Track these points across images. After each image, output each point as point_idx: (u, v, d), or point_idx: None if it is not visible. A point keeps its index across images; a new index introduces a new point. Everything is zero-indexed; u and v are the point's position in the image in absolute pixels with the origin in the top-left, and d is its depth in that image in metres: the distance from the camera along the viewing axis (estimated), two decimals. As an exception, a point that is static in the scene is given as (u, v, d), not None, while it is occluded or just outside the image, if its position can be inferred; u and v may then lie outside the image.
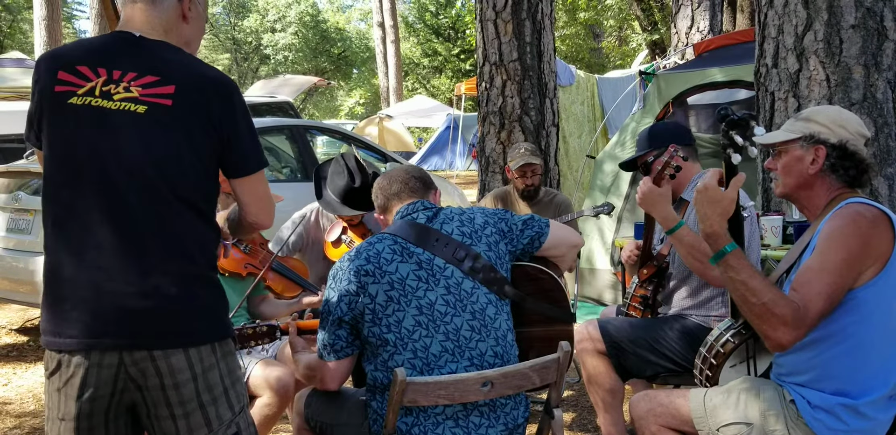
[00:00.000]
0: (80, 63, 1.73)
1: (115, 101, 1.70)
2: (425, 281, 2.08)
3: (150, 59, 1.74)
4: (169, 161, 1.71)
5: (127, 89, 1.70)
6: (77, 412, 1.70)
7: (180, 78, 1.73)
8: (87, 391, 1.69)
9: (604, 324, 2.86)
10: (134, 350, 1.68)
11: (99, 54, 1.75)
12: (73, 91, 1.70)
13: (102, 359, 1.68)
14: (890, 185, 3.81)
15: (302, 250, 3.61)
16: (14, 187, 5.20)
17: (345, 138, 7.88)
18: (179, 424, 1.73)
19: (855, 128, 2.08)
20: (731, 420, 2.08)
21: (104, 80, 1.71)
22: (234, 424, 1.80)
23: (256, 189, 1.86)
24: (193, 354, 1.73)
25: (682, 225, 2.63)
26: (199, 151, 1.74)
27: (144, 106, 1.70)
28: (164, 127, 1.71)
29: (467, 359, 2.07)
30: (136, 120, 1.70)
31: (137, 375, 1.70)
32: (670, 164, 2.66)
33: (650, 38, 14.03)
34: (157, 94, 1.71)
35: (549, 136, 5.84)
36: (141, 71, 1.72)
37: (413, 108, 20.51)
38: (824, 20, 3.81)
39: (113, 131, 1.69)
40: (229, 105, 1.77)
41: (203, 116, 1.73)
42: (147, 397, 1.72)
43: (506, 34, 5.73)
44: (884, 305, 1.95)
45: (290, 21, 36.15)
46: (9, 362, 4.94)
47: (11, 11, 27.04)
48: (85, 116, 1.70)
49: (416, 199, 2.27)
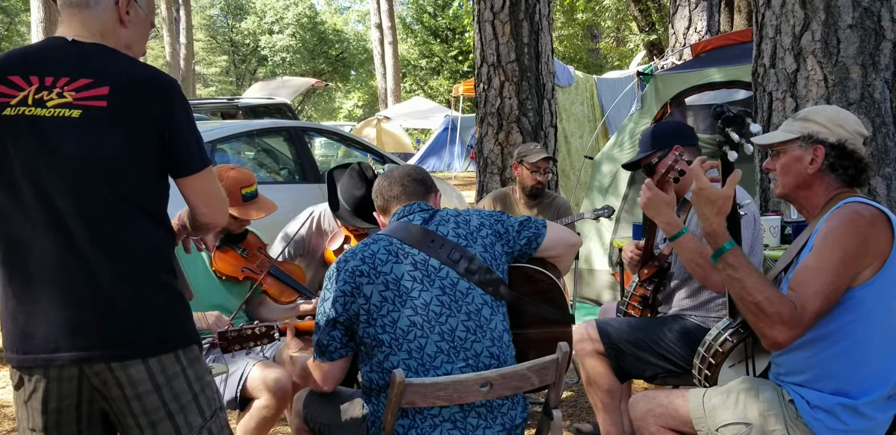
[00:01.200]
0: (11, 72, 1.68)
1: (48, 108, 1.65)
2: (420, 282, 2.08)
3: (84, 63, 1.70)
4: (107, 163, 1.67)
5: (60, 95, 1.66)
6: (44, 424, 1.70)
7: (114, 78, 1.68)
8: (51, 404, 1.68)
9: (602, 325, 2.86)
10: (92, 363, 1.65)
11: (31, 62, 1.71)
12: (5, 102, 1.66)
13: (62, 373, 1.66)
14: (888, 184, 3.81)
15: (303, 256, 3.60)
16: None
17: (342, 140, 7.87)
18: (146, 433, 1.71)
19: (853, 127, 2.08)
20: (730, 420, 2.07)
21: (36, 87, 1.66)
22: (206, 430, 1.77)
23: (204, 188, 1.80)
24: (154, 364, 1.69)
25: (684, 232, 2.62)
26: (140, 152, 1.70)
27: (79, 110, 1.65)
28: (100, 129, 1.66)
29: (463, 359, 2.07)
30: (71, 124, 1.65)
31: (100, 386, 1.68)
32: (674, 168, 2.65)
33: (648, 38, 14.04)
34: (90, 96, 1.66)
35: (548, 137, 5.84)
36: (73, 75, 1.68)
37: (411, 109, 20.52)
38: (822, 20, 3.81)
39: (49, 139, 1.65)
40: (168, 104, 1.72)
41: (140, 116, 1.68)
42: (113, 407, 1.71)
43: (503, 35, 5.73)
44: (882, 305, 1.95)
45: (288, 23, 36.19)
46: (6, 365, 4.92)
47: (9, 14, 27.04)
48: (20, 127, 1.65)
49: (415, 201, 2.27)
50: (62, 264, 1.65)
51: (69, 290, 1.64)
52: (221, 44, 37.73)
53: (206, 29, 37.92)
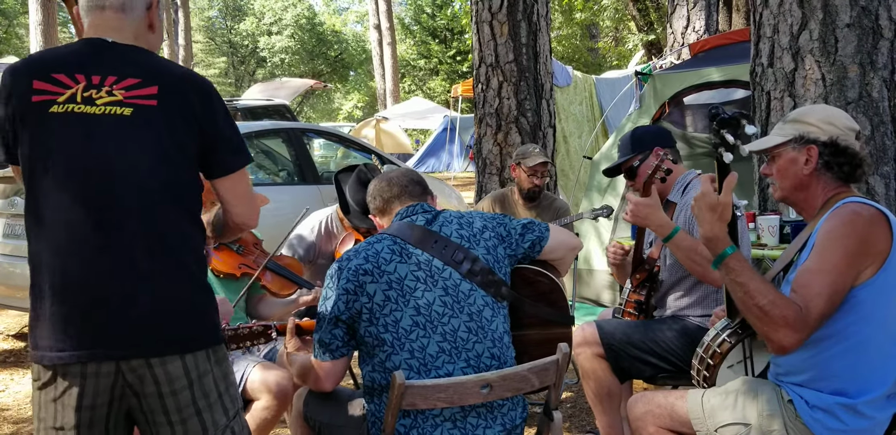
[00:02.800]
0: (54, 71, 1.71)
1: (98, 105, 1.68)
2: (423, 282, 2.09)
3: (128, 63, 1.74)
4: (159, 162, 1.70)
5: (110, 93, 1.69)
6: (77, 422, 1.68)
7: (161, 78, 1.73)
8: (86, 401, 1.68)
9: (601, 325, 2.86)
10: (131, 359, 1.67)
11: (73, 61, 1.73)
12: (52, 100, 1.68)
13: (100, 368, 1.66)
14: (887, 183, 3.81)
15: (312, 261, 3.59)
16: (10, 193, 5.20)
17: (341, 141, 7.87)
18: (176, 430, 1.73)
19: (843, 123, 2.08)
20: (729, 421, 2.07)
21: (84, 85, 1.69)
22: (229, 429, 1.80)
23: (241, 187, 1.85)
24: (189, 361, 1.72)
25: (678, 231, 2.63)
26: (186, 151, 1.74)
27: (130, 108, 1.69)
28: (150, 128, 1.70)
29: (464, 360, 2.07)
30: (123, 122, 1.68)
31: (135, 382, 1.69)
32: (661, 167, 2.66)
33: (646, 38, 14.03)
34: (140, 95, 1.70)
35: (546, 138, 5.84)
36: (120, 74, 1.71)
37: (410, 110, 20.53)
38: (819, 19, 3.81)
39: (99, 136, 1.68)
40: (209, 104, 1.77)
41: (187, 115, 1.73)
42: (144, 404, 1.71)
43: (501, 35, 5.73)
44: (882, 304, 1.95)
45: (287, 24, 36.18)
46: (6, 368, 4.93)
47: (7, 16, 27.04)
48: (69, 124, 1.68)
49: (416, 202, 2.27)
50: (111, 261, 1.66)
51: (112, 287, 1.66)
52: (220, 45, 37.73)
53: (204, 30, 37.92)
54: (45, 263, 1.68)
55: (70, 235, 1.67)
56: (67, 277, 1.66)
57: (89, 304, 1.65)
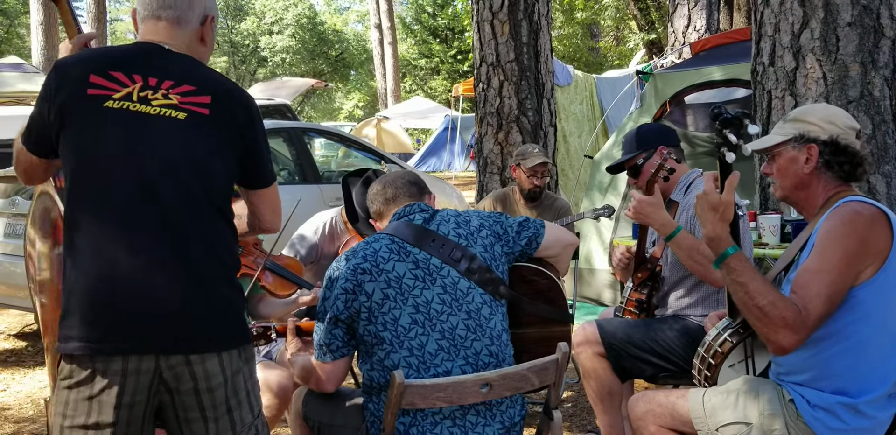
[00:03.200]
0: (112, 68, 1.76)
1: (153, 106, 1.74)
2: (422, 280, 2.10)
3: (184, 70, 1.81)
4: (204, 166, 1.76)
5: (166, 96, 1.76)
6: (115, 420, 1.69)
7: (214, 89, 1.81)
8: (125, 398, 1.69)
9: (602, 324, 2.86)
10: (171, 355, 1.69)
11: (130, 61, 1.79)
12: (107, 95, 1.73)
13: (140, 364, 1.68)
14: (888, 182, 3.80)
15: (314, 262, 3.59)
16: (11, 192, 5.20)
17: (342, 141, 7.87)
18: (210, 427, 1.76)
19: (844, 122, 2.08)
20: (730, 420, 2.07)
21: (140, 85, 1.75)
22: (254, 427, 1.84)
23: (273, 197, 1.96)
24: (225, 359, 1.76)
25: (679, 230, 2.62)
26: (228, 160, 1.81)
27: (184, 113, 1.76)
28: (200, 134, 1.77)
29: (462, 358, 2.08)
30: (176, 125, 1.75)
31: (170, 379, 1.71)
32: (664, 166, 2.65)
33: (647, 37, 14.03)
34: (195, 102, 1.77)
35: (547, 137, 5.84)
36: (177, 80, 1.78)
37: (411, 109, 20.53)
38: (821, 18, 3.80)
39: (152, 135, 1.73)
40: (251, 119, 1.86)
41: (234, 128, 1.82)
42: (177, 401, 1.73)
43: (502, 35, 5.72)
44: (882, 304, 1.95)
45: (288, 23, 36.17)
46: (7, 368, 4.93)
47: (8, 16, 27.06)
48: (122, 120, 1.72)
49: (413, 201, 2.28)
50: (155, 257, 1.69)
51: (156, 284, 1.68)
52: (221, 45, 37.69)
53: (205, 30, 37.78)
54: (86, 257, 1.69)
55: (114, 230, 1.69)
56: (109, 271, 1.67)
57: (131, 299, 1.67)
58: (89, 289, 1.68)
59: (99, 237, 1.69)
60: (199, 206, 1.75)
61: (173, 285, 1.69)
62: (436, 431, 2.05)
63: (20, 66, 9.67)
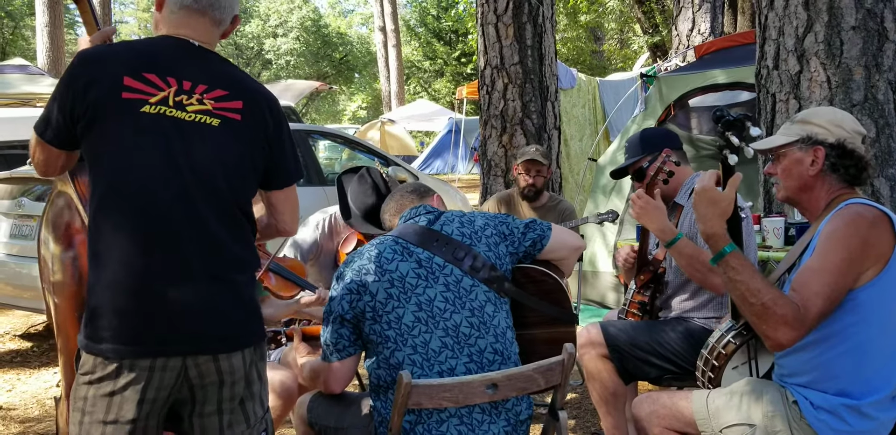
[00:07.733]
0: (145, 70, 1.74)
1: (189, 112, 1.75)
2: (425, 278, 2.12)
3: (215, 72, 1.82)
4: (236, 173, 1.79)
5: (200, 101, 1.77)
6: (136, 415, 1.71)
7: (245, 94, 1.83)
8: (149, 394, 1.71)
9: (606, 327, 2.86)
10: (199, 355, 1.72)
11: (162, 62, 1.77)
12: (144, 99, 1.72)
13: (167, 363, 1.70)
14: (892, 186, 3.81)
15: (314, 258, 3.61)
16: (17, 193, 5.22)
17: (347, 143, 7.89)
18: (224, 419, 1.78)
19: (851, 126, 2.09)
20: (733, 422, 2.08)
21: (175, 90, 1.75)
22: (264, 421, 1.87)
23: (293, 198, 1.98)
24: (247, 354, 1.80)
25: (680, 237, 2.63)
26: (256, 165, 1.84)
27: (218, 119, 1.77)
28: (233, 140, 1.79)
29: (467, 355, 2.10)
30: (210, 132, 1.76)
31: (195, 375, 1.74)
32: (663, 169, 2.65)
33: (651, 40, 14.03)
34: (228, 108, 1.78)
35: (551, 140, 5.85)
36: (210, 84, 1.79)
37: (415, 112, 20.55)
38: (825, 22, 3.81)
39: (187, 141, 1.74)
40: (279, 122, 1.88)
41: (262, 132, 1.84)
42: (198, 394, 1.76)
43: (507, 38, 5.74)
44: (884, 306, 1.95)
45: (292, 26, 36.21)
46: (13, 368, 4.95)
47: (14, 18, 27.11)
48: (159, 125, 1.72)
49: (418, 204, 2.33)
50: (184, 259, 1.71)
51: (188, 284, 1.71)
52: (225, 47, 37.75)
53: (209, 32, 37.84)
54: (114, 258, 1.70)
55: (144, 231, 1.70)
56: (139, 272, 1.69)
57: (162, 300, 1.69)
58: (119, 291, 1.69)
59: (127, 240, 1.70)
60: (228, 210, 1.78)
61: (202, 288, 1.72)
62: (441, 429, 2.06)
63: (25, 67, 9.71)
